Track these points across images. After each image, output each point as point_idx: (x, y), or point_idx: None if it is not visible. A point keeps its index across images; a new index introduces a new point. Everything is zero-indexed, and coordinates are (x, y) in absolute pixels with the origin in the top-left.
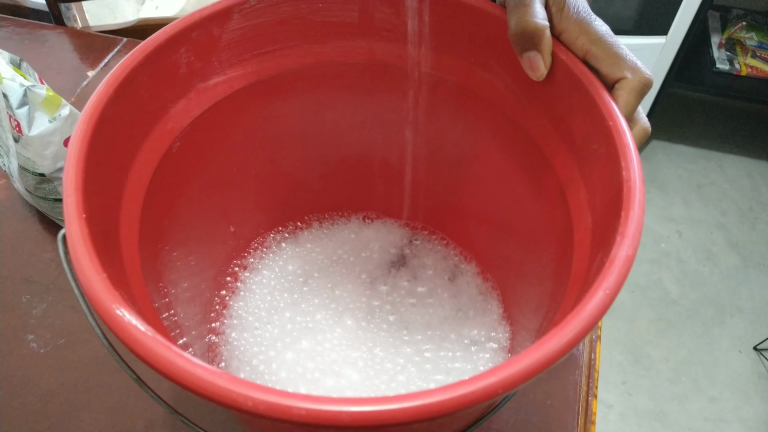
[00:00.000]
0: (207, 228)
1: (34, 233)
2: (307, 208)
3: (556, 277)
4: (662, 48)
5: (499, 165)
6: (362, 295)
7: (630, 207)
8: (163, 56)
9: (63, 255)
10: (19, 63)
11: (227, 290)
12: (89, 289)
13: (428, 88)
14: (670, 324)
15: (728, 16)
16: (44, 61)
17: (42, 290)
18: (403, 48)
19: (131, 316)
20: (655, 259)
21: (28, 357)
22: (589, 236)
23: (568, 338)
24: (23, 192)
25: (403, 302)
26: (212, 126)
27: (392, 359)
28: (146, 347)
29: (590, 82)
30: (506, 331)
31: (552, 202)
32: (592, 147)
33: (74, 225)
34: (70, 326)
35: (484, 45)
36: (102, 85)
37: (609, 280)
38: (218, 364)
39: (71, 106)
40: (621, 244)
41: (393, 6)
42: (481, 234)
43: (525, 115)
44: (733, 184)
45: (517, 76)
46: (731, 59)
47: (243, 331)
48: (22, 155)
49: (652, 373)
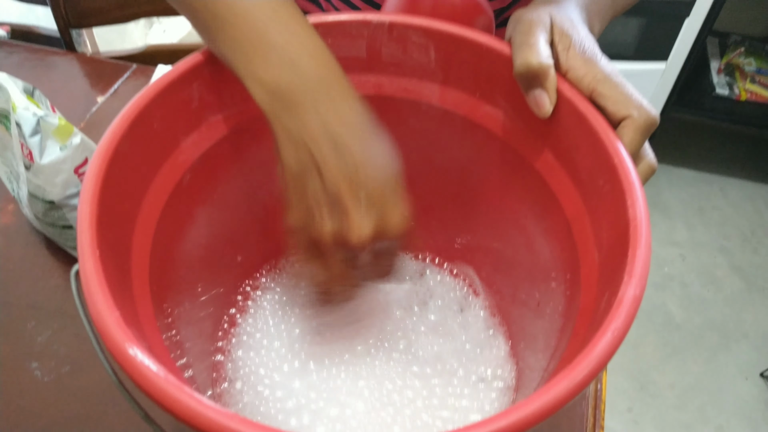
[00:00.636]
0: (214, 257)
1: (41, 259)
2: None
3: (563, 313)
4: (662, 73)
5: (504, 197)
6: (376, 318)
7: (637, 246)
8: (176, 91)
9: (75, 290)
10: (32, 91)
11: (237, 309)
12: (103, 329)
13: (435, 120)
14: (675, 349)
15: (727, 42)
16: (55, 87)
17: (48, 317)
18: (409, 82)
19: (144, 355)
20: (659, 283)
21: (32, 385)
22: (596, 273)
23: (577, 381)
24: (32, 218)
25: (414, 329)
26: (222, 157)
27: (400, 391)
28: (158, 387)
29: (595, 119)
30: (513, 368)
31: (558, 237)
32: (597, 183)
33: (88, 262)
34: (75, 353)
35: (489, 80)
36: (116, 121)
37: (617, 321)
38: (221, 385)
39: (83, 135)
40: (629, 284)
41: (400, 42)
42: (487, 267)
43: (531, 150)
44: (735, 208)
45: (522, 111)
46: (731, 84)
47: (249, 350)
48: (33, 182)
49: (658, 400)
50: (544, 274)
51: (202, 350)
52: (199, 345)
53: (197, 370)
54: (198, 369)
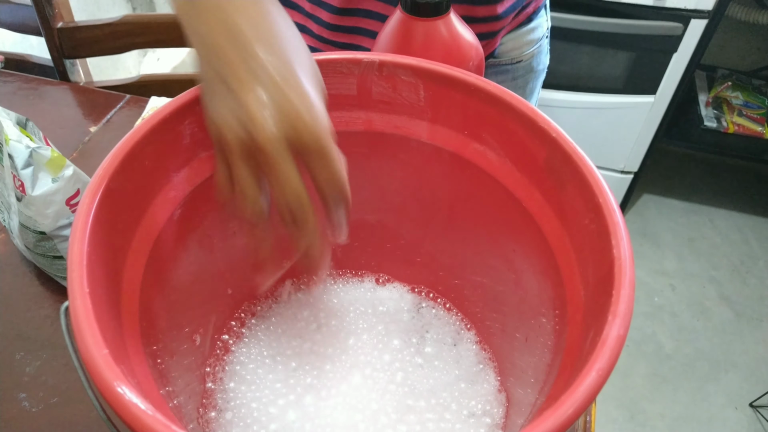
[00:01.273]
0: (204, 290)
1: (31, 289)
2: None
3: (552, 348)
4: (651, 106)
5: (493, 232)
6: (374, 348)
7: (621, 286)
8: (168, 128)
9: (65, 326)
10: (25, 123)
11: (231, 335)
12: (91, 366)
13: (424, 156)
14: (665, 379)
15: (714, 76)
16: (48, 117)
17: (36, 347)
18: (399, 119)
19: (132, 393)
20: (649, 313)
21: (20, 416)
22: (581, 310)
23: (561, 420)
24: (22, 248)
25: (411, 361)
26: (212, 192)
27: (394, 426)
28: (145, 425)
29: (580, 159)
30: (502, 404)
31: (546, 273)
32: (583, 222)
33: (78, 300)
34: (64, 384)
35: (477, 118)
36: (108, 159)
37: (602, 361)
38: (210, 413)
39: (75, 167)
40: (613, 324)
41: (390, 80)
42: (478, 301)
43: (518, 187)
44: (724, 239)
45: (509, 150)
46: (718, 117)
47: (242, 383)
48: (24, 214)
49: (648, 429)
50: (533, 309)
51: (192, 377)
52: (188, 372)
53: (185, 397)
54: (186, 396)
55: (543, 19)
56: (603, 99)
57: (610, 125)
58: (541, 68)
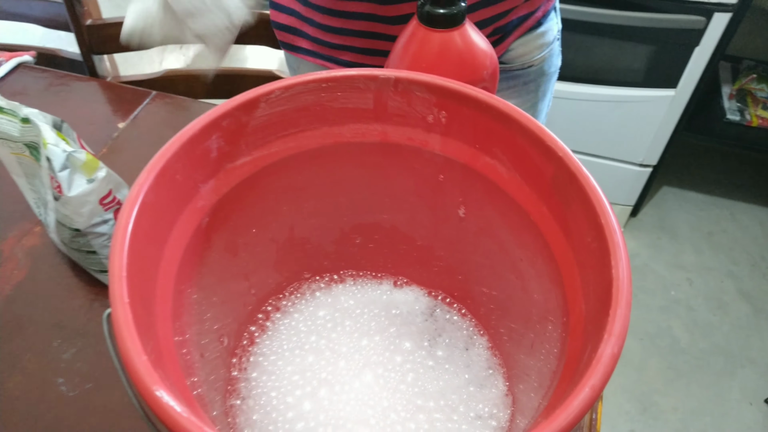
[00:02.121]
0: (229, 291)
1: (66, 280)
2: (321, 269)
3: (555, 356)
4: (672, 100)
5: (502, 242)
6: (386, 350)
7: (618, 306)
8: (196, 143)
9: (107, 332)
10: (60, 125)
11: (257, 327)
12: (133, 372)
13: (437, 166)
14: (679, 373)
15: (739, 67)
16: (78, 113)
17: (72, 335)
18: (413, 131)
19: (169, 397)
20: (665, 307)
21: (59, 400)
22: (582, 322)
23: None
24: (58, 243)
25: (423, 363)
26: (237, 200)
27: (403, 423)
28: (182, 427)
29: (585, 178)
30: (508, 407)
31: (550, 284)
32: (585, 240)
33: (119, 310)
34: (98, 371)
35: (487, 134)
36: (142, 175)
37: (595, 377)
38: (234, 400)
39: (107, 168)
40: (608, 342)
41: (405, 95)
42: (489, 306)
43: (526, 201)
44: (744, 233)
45: (518, 166)
46: (742, 110)
47: (263, 373)
48: (61, 212)
49: (660, 422)
50: (540, 316)
51: (217, 368)
52: (214, 364)
53: (209, 386)
54: (210, 386)
55: (553, 22)
56: (622, 92)
57: (630, 119)
58: (552, 71)
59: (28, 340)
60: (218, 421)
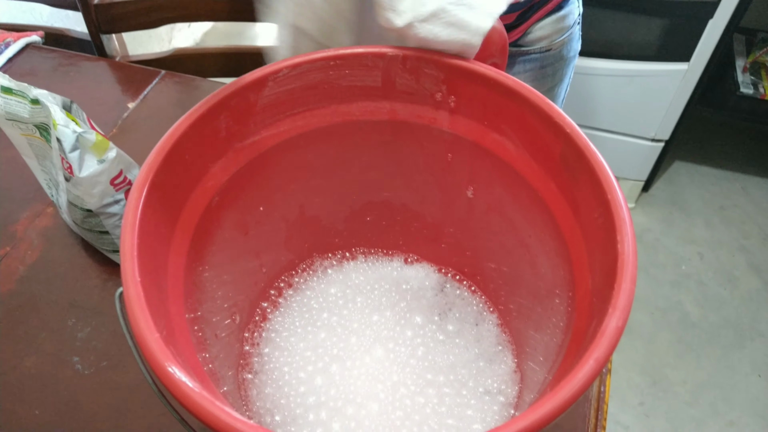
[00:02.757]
0: (240, 269)
1: (79, 260)
2: (332, 247)
3: (561, 330)
4: (684, 74)
5: (511, 218)
6: (397, 324)
7: (623, 280)
8: (205, 123)
9: (119, 310)
10: (70, 106)
11: (270, 303)
12: (145, 349)
13: (446, 144)
14: (689, 347)
15: (753, 40)
16: (88, 94)
17: (86, 314)
18: (422, 109)
19: (181, 373)
20: (676, 281)
21: (74, 378)
22: (589, 297)
23: (558, 404)
24: (70, 223)
25: (433, 337)
26: (247, 179)
27: (413, 397)
28: (194, 402)
29: (592, 155)
30: (516, 383)
31: (558, 259)
32: (592, 216)
33: (131, 289)
34: (112, 349)
35: (496, 110)
36: (151, 155)
37: (599, 350)
38: (246, 375)
39: (118, 149)
40: (612, 316)
41: (413, 72)
42: (498, 282)
43: (534, 177)
44: (756, 207)
45: (526, 143)
46: (755, 83)
47: (275, 348)
48: (72, 193)
49: (670, 395)
50: (548, 290)
51: (229, 343)
52: (226, 339)
53: (221, 361)
54: (221, 361)
55: (574, 6)
56: (635, 66)
57: (642, 93)
58: (572, 55)
59: (43, 320)
60: (230, 394)
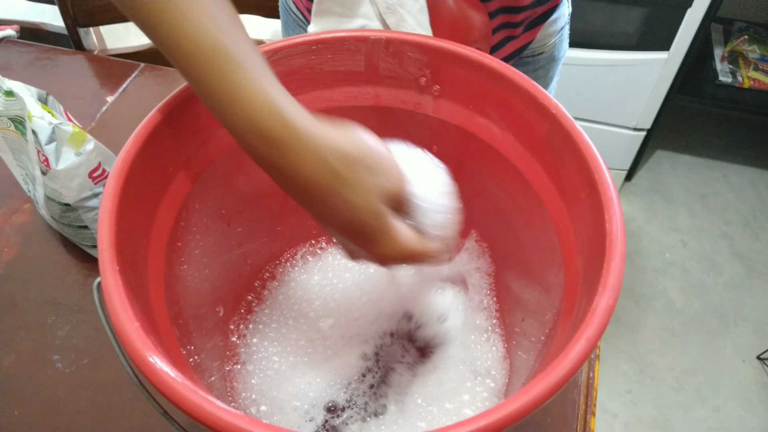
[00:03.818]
0: (224, 260)
1: (58, 257)
2: (317, 235)
3: (550, 315)
4: (665, 63)
5: (498, 202)
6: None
7: (612, 259)
8: (184, 109)
9: (98, 301)
10: (45, 98)
11: (254, 294)
12: (124, 339)
13: (431, 129)
14: (674, 333)
15: (731, 29)
16: (66, 87)
17: (66, 312)
18: (406, 93)
19: (162, 362)
20: (660, 269)
21: (55, 377)
22: (578, 278)
23: (551, 384)
24: (48, 219)
25: (428, 322)
26: (228, 167)
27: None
28: (175, 391)
29: (578, 135)
30: (504, 368)
31: (547, 242)
32: (579, 196)
33: (109, 278)
34: (93, 347)
35: (481, 93)
36: (128, 143)
37: (590, 329)
38: (233, 366)
39: (96, 141)
40: (603, 295)
41: (396, 57)
42: (489, 266)
43: (520, 160)
44: (737, 194)
45: (512, 124)
46: (734, 72)
47: (262, 339)
48: (49, 186)
49: (657, 382)
50: (537, 276)
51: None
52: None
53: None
54: (209, 352)
55: (564, 7)
56: (616, 56)
57: (623, 82)
58: (561, 55)
59: (22, 318)
60: (216, 386)
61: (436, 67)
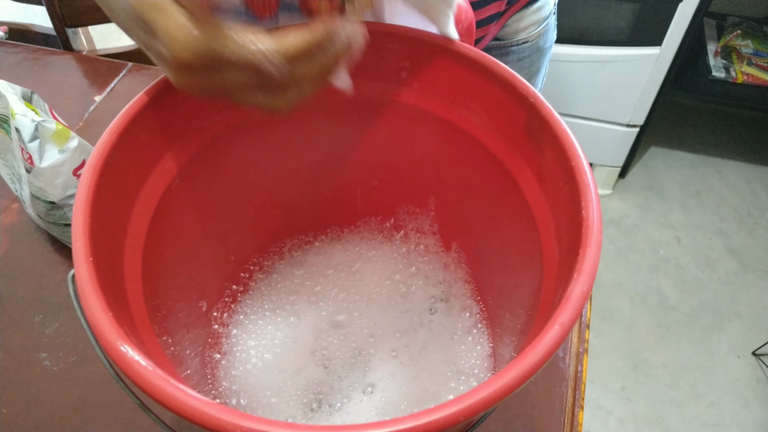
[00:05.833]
0: (205, 255)
1: (45, 255)
2: (301, 229)
3: (530, 305)
4: (657, 58)
5: (479, 192)
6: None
7: (587, 245)
8: (163, 101)
9: (73, 293)
10: (30, 96)
11: (240, 285)
12: (96, 329)
13: (412, 120)
14: (668, 330)
15: (724, 24)
16: (53, 87)
17: (54, 310)
18: (386, 85)
19: (134, 351)
20: (654, 266)
21: (42, 375)
22: (556, 268)
23: (524, 370)
24: (35, 217)
25: (411, 319)
26: (209, 161)
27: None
28: (147, 380)
29: (556, 123)
30: (491, 368)
31: (527, 231)
32: (558, 184)
33: (82, 268)
34: (81, 344)
35: (460, 84)
36: (105, 134)
37: (565, 315)
38: (215, 354)
39: (80, 138)
40: (577, 281)
41: (376, 48)
42: (470, 259)
43: (500, 149)
44: (731, 190)
45: (492, 114)
46: (727, 67)
47: (244, 331)
48: (34, 185)
49: (651, 379)
50: (516, 267)
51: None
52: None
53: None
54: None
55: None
56: (608, 52)
57: (615, 78)
58: (547, 46)
59: (9, 317)
60: (196, 375)
61: (416, 59)
